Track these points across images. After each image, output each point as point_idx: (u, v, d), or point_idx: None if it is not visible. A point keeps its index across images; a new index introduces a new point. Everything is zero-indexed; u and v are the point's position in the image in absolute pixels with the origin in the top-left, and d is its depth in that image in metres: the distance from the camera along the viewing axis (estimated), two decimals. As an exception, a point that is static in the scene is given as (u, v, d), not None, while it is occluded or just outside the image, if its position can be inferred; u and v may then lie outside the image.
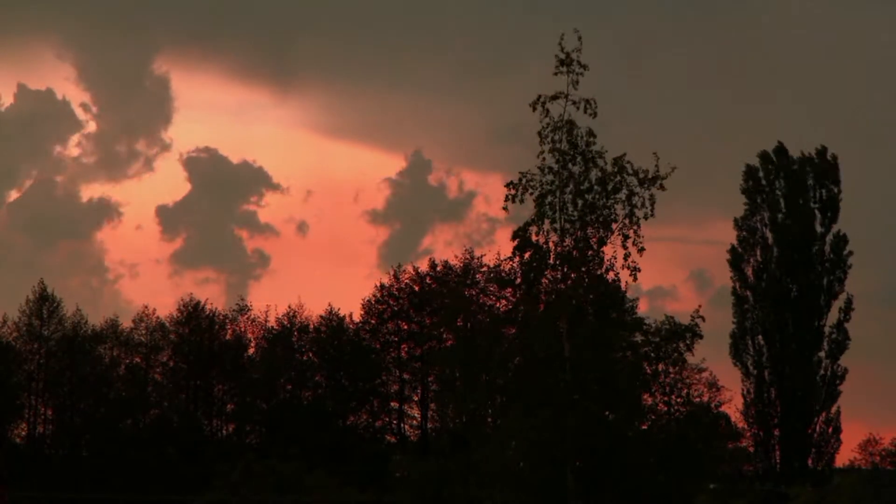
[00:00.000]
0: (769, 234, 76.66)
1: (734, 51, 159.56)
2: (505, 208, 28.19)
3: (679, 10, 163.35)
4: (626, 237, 28.05)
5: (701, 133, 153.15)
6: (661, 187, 28.01)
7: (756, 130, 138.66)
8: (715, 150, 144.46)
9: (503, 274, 71.16)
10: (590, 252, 28.09)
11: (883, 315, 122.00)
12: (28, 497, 66.54)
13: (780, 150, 77.85)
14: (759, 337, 75.84)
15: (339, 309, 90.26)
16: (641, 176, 28.05)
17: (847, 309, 74.64)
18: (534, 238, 28.08)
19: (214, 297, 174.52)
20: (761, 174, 77.31)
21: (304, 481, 64.13)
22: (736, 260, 76.89)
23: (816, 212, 76.35)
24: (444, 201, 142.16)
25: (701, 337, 28.26)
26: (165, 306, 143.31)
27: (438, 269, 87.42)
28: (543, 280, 28.37)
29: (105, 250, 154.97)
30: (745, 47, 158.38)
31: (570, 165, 28.17)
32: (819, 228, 76.14)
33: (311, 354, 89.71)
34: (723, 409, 75.59)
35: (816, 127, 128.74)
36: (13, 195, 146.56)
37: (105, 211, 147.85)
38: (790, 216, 76.21)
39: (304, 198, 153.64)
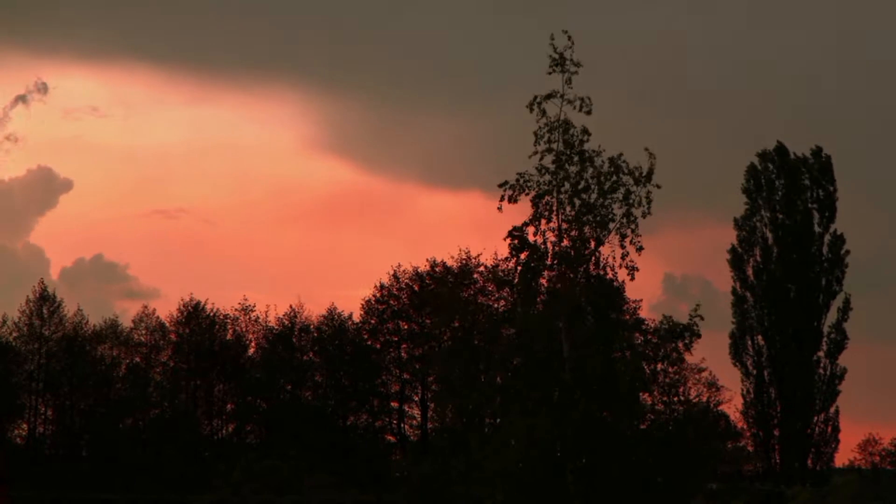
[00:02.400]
0: (769, 234, 76.70)
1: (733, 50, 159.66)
2: (499, 209, 28.18)
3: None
4: (623, 236, 28.03)
5: (700, 133, 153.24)
6: (657, 185, 28.01)
7: (755, 130, 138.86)
8: (713, 150, 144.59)
9: (501, 274, 71.31)
10: (587, 251, 28.08)
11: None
12: (28, 497, 66.58)
13: (781, 149, 77.92)
14: (759, 337, 75.88)
15: (340, 310, 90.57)
16: (637, 174, 28.03)
17: (845, 309, 74.68)
18: (531, 238, 28.06)
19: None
20: (763, 174, 77.37)
21: (304, 481, 64.16)
22: (736, 260, 76.91)
23: (814, 212, 76.43)
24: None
25: (699, 336, 28.24)
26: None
27: (438, 269, 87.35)
28: (542, 280, 28.37)
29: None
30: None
31: (566, 165, 28.15)
32: (817, 228, 76.22)
33: (311, 354, 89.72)
34: (723, 409, 75.81)
35: (811, 127, 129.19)
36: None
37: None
38: (789, 216, 76.28)
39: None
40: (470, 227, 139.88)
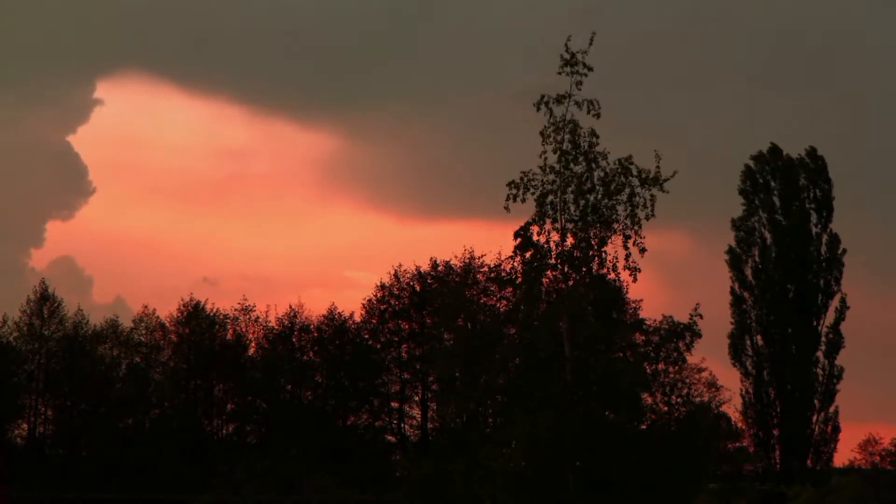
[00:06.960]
0: (768, 235, 76.96)
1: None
2: (506, 207, 28.15)
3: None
4: (627, 237, 28.02)
5: (697, 133, 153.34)
6: (662, 188, 27.95)
7: (749, 131, 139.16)
8: (710, 151, 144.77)
9: (503, 273, 71.27)
10: (591, 252, 28.07)
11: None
12: (28, 497, 66.63)
13: (774, 150, 78.37)
14: (758, 337, 76.07)
15: (341, 310, 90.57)
16: (644, 176, 27.99)
17: (842, 308, 74.98)
18: (535, 237, 28.04)
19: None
20: (758, 175, 77.77)
21: (304, 481, 64.14)
22: (734, 260, 77.17)
23: (812, 212, 76.76)
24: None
25: (700, 336, 28.24)
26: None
27: (440, 268, 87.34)
28: (544, 280, 28.37)
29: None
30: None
31: (572, 165, 28.12)
32: (815, 229, 76.53)
33: (311, 354, 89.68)
34: (722, 409, 75.93)
35: (806, 127, 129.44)
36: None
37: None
38: (787, 217, 76.58)
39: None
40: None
